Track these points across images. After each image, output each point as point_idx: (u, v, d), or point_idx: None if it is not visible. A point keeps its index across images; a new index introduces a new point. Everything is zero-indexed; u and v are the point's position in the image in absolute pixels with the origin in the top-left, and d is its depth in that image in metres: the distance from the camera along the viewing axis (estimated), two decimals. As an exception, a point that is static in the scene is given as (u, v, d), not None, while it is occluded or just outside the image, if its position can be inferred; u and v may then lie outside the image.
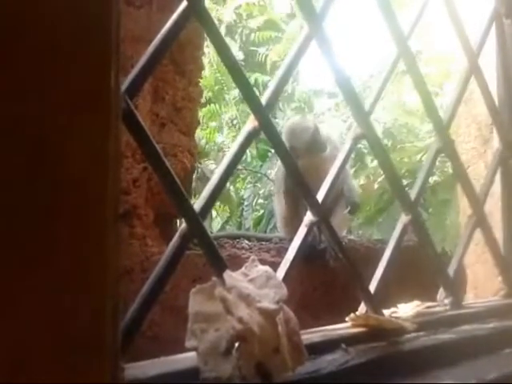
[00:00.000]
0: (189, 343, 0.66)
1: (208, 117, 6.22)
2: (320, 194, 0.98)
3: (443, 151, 1.23)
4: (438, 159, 1.30)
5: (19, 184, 0.51)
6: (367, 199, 3.87)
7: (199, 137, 5.47)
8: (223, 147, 6.37)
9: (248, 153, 5.83)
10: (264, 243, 2.19)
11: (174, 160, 1.87)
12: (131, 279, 1.54)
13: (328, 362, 0.83)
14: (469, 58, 1.32)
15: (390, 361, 0.91)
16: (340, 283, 1.88)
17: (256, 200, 6.01)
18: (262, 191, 5.86)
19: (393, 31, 1.12)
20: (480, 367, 0.98)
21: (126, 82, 0.70)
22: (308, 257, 1.87)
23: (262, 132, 0.88)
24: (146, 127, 0.73)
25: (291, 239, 0.97)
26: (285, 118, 5.74)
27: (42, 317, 0.51)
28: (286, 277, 0.87)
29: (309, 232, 0.95)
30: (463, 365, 0.98)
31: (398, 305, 1.11)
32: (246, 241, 2.19)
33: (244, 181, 6.41)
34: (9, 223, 0.50)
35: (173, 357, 0.74)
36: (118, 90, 0.62)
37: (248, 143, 0.87)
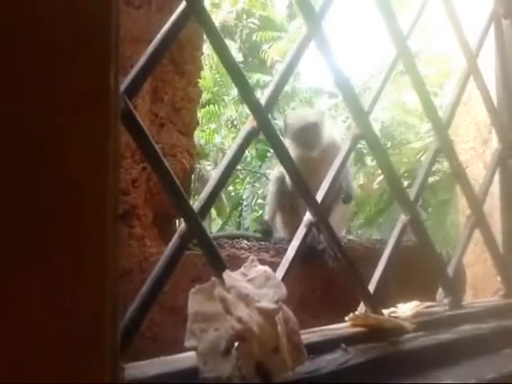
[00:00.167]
0: (188, 343, 0.66)
1: (207, 118, 6.21)
2: (319, 195, 0.98)
3: (442, 151, 1.24)
4: (438, 159, 1.30)
5: (19, 184, 0.51)
6: (367, 199, 3.88)
7: (198, 137, 5.47)
8: (222, 147, 6.37)
9: (247, 153, 5.83)
10: (263, 243, 2.20)
11: (173, 160, 1.87)
12: (130, 279, 1.54)
13: (327, 362, 0.83)
14: (468, 59, 1.32)
15: (390, 360, 0.91)
16: (339, 283, 1.88)
17: (255, 200, 6.01)
18: (261, 191, 5.86)
19: (392, 32, 1.12)
20: (479, 367, 0.98)
21: (126, 82, 0.71)
22: (307, 257, 1.87)
23: (262, 132, 0.88)
24: (145, 127, 0.73)
25: (290, 240, 0.97)
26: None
27: (42, 317, 0.51)
28: (286, 277, 0.87)
29: (308, 232, 0.95)
30: (462, 364, 0.98)
31: (398, 305, 1.11)
32: (245, 241, 2.19)
33: (243, 181, 6.41)
34: (9, 224, 0.50)
35: (172, 357, 0.74)
36: (117, 90, 0.62)
37: (247, 143, 0.87)
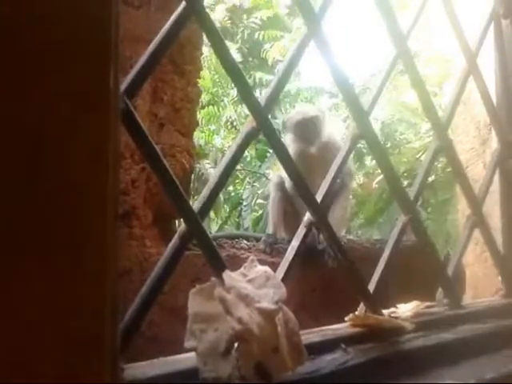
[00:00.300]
0: (188, 343, 0.66)
1: (207, 119, 6.21)
2: (319, 194, 0.98)
3: (442, 151, 1.24)
4: (438, 158, 1.30)
5: (19, 184, 0.51)
6: (367, 197, 3.87)
7: (198, 138, 5.47)
8: (222, 148, 6.36)
9: (247, 153, 5.82)
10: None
11: (173, 160, 1.87)
12: (130, 280, 1.54)
13: (327, 362, 0.83)
14: (467, 59, 1.32)
15: (390, 361, 0.91)
16: (339, 283, 1.88)
17: (255, 200, 6.00)
18: (261, 191, 5.85)
19: (391, 32, 1.12)
20: (479, 367, 0.98)
21: (125, 83, 0.70)
22: (307, 257, 1.87)
23: (261, 132, 0.88)
24: (145, 127, 0.73)
25: (290, 240, 0.97)
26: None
27: (42, 317, 0.51)
28: (285, 277, 0.87)
29: (308, 232, 0.95)
30: (462, 364, 0.98)
31: (398, 305, 1.11)
32: (245, 241, 2.19)
33: (243, 181, 6.41)
34: (9, 224, 0.50)
35: (172, 357, 0.74)
36: (117, 91, 0.62)
37: (247, 144, 0.87)
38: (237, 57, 6.30)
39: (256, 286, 0.72)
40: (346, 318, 0.97)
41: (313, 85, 6.80)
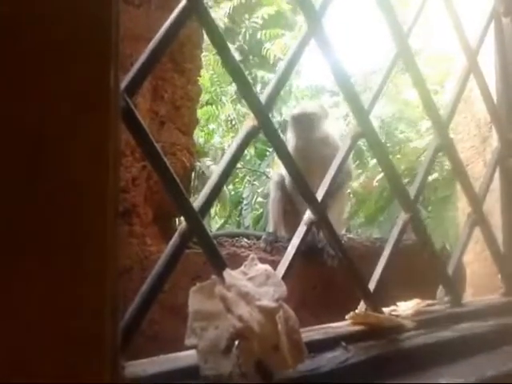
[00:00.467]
0: (189, 341, 0.66)
1: (205, 118, 6.20)
2: (319, 193, 0.98)
3: (442, 149, 1.23)
4: (438, 157, 1.30)
5: (19, 184, 0.51)
6: (368, 196, 3.87)
7: (198, 136, 5.47)
8: (221, 147, 6.36)
9: (246, 151, 5.82)
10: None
11: (173, 159, 1.87)
12: (130, 278, 1.54)
13: (328, 360, 0.83)
14: (468, 57, 1.32)
15: (390, 358, 0.91)
16: (340, 281, 1.88)
17: (255, 198, 6.00)
18: (261, 189, 5.85)
19: (392, 30, 1.12)
20: (479, 365, 0.98)
21: (126, 81, 0.70)
22: (308, 255, 1.88)
23: (262, 131, 0.88)
24: (146, 126, 0.73)
25: (290, 238, 0.97)
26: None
27: (42, 317, 0.51)
28: (286, 275, 0.87)
29: (308, 231, 0.95)
30: (462, 362, 0.98)
31: (398, 303, 1.11)
32: (246, 239, 2.19)
33: (243, 180, 6.41)
34: (9, 224, 0.50)
35: (173, 355, 0.74)
36: (118, 89, 0.62)
37: (247, 142, 0.87)
38: (236, 55, 6.29)
39: (256, 284, 0.73)
40: (347, 316, 0.97)
41: (313, 83, 6.80)
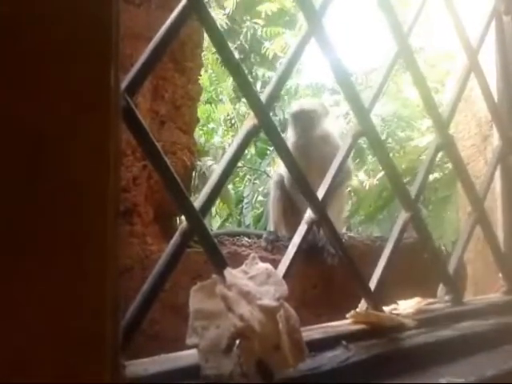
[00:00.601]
0: (190, 340, 0.66)
1: (205, 117, 6.20)
2: (320, 192, 0.98)
3: (443, 148, 1.23)
4: (439, 155, 1.30)
5: (19, 184, 0.51)
6: (368, 193, 3.87)
7: (198, 135, 5.47)
8: (221, 146, 6.36)
9: (247, 150, 5.81)
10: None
11: (174, 158, 1.87)
12: (131, 277, 1.55)
13: (329, 359, 0.83)
14: (469, 56, 1.32)
15: (391, 357, 0.91)
16: (340, 280, 1.88)
17: (256, 197, 6.00)
18: (262, 188, 5.85)
19: (393, 29, 1.12)
20: (480, 364, 0.98)
21: (126, 80, 0.70)
22: (309, 254, 1.88)
23: (262, 130, 0.88)
24: (146, 125, 0.73)
25: (290, 237, 0.97)
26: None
27: (42, 317, 0.51)
28: (287, 274, 0.87)
29: (309, 229, 0.95)
30: (463, 361, 0.98)
31: (399, 301, 1.11)
32: (246, 238, 2.19)
33: (243, 179, 6.41)
34: (9, 224, 0.50)
35: (174, 354, 0.74)
36: (118, 88, 0.62)
37: (248, 141, 0.87)
38: (236, 54, 6.28)
39: (257, 283, 0.72)
40: (347, 315, 0.97)
41: (314, 82, 6.80)
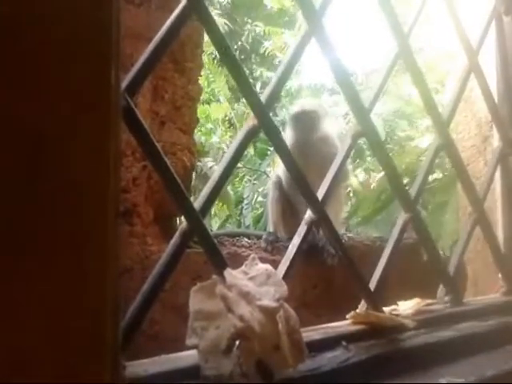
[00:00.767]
0: (189, 341, 0.66)
1: (203, 118, 6.20)
2: (319, 192, 0.98)
3: (443, 148, 1.23)
4: (437, 160, 1.30)
5: (19, 184, 0.51)
6: (368, 194, 3.87)
7: (199, 135, 5.47)
8: (219, 146, 6.36)
9: (247, 150, 5.81)
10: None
11: (174, 158, 1.87)
12: (131, 277, 1.54)
13: (328, 360, 0.83)
14: (469, 56, 1.32)
15: (391, 358, 0.91)
16: (340, 281, 1.88)
17: (255, 198, 6.00)
18: (262, 189, 5.85)
19: (393, 30, 1.12)
20: (480, 364, 0.98)
21: (126, 80, 0.70)
22: (309, 254, 1.88)
23: (262, 130, 0.88)
24: (147, 125, 0.73)
25: (290, 238, 0.97)
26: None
27: (42, 317, 0.51)
28: (286, 275, 0.87)
29: (309, 230, 0.95)
30: (463, 362, 0.98)
31: (399, 302, 1.11)
32: (246, 239, 2.19)
33: (242, 179, 6.41)
34: (9, 224, 0.50)
35: (174, 355, 0.74)
36: (118, 88, 0.62)
37: (248, 141, 0.87)
38: (236, 54, 6.28)
39: (257, 284, 0.72)
40: (347, 316, 0.97)
41: (313, 82, 6.80)
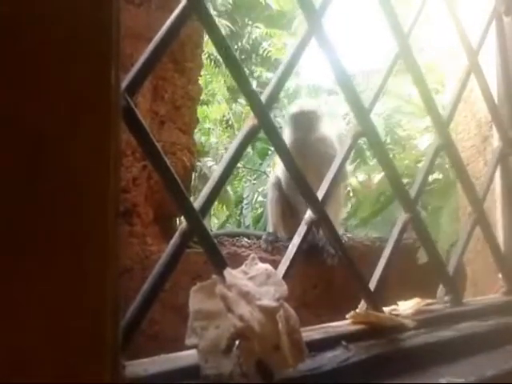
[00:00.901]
0: (189, 341, 0.66)
1: (202, 118, 6.20)
2: (320, 193, 0.98)
3: (443, 148, 1.23)
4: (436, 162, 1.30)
5: (19, 184, 0.51)
6: (368, 194, 3.86)
7: (199, 135, 5.47)
8: (217, 147, 6.36)
9: (247, 150, 5.79)
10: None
11: (174, 158, 1.87)
12: (131, 277, 1.55)
13: (328, 359, 0.83)
14: (469, 56, 1.32)
15: (391, 358, 0.91)
16: (340, 280, 1.88)
17: (255, 198, 6.00)
18: (262, 189, 5.84)
19: (393, 30, 1.12)
20: (480, 364, 0.98)
21: (126, 80, 0.70)
22: (308, 254, 1.88)
23: (262, 130, 0.88)
24: (147, 125, 0.73)
25: (290, 238, 0.97)
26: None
27: (42, 317, 0.51)
28: (286, 274, 0.87)
29: (309, 230, 0.95)
30: (463, 362, 0.98)
31: (398, 302, 1.11)
32: (246, 239, 2.20)
33: (241, 180, 6.41)
34: (9, 224, 0.50)
35: (174, 354, 0.74)
36: (118, 88, 0.62)
37: (248, 141, 0.87)
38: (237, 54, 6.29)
39: (257, 284, 0.73)
40: (347, 315, 0.97)
41: (311, 82, 6.80)
